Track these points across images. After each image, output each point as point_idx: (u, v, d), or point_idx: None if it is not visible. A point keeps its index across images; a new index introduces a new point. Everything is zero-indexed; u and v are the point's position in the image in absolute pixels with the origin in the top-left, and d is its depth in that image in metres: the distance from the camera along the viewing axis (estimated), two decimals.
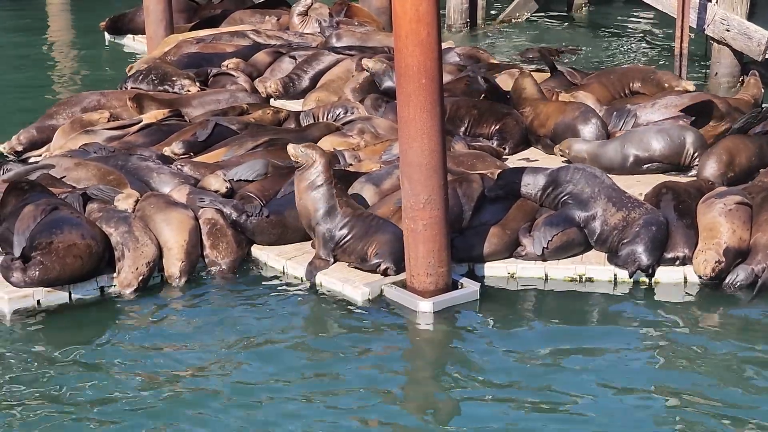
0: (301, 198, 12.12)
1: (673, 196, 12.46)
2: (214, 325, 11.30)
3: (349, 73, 17.10)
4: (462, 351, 10.90)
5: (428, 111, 11.12)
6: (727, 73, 18.71)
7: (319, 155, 12.06)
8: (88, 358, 10.74)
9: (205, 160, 13.98)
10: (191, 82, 16.85)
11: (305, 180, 12.06)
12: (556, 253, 12.15)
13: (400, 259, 11.75)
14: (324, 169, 12.04)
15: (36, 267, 11.50)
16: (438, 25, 11.07)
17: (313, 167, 12.03)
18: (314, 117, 15.61)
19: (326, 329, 11.32)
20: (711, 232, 11.89)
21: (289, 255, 12.44)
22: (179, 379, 10.33)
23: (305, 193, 12.07)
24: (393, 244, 11.86)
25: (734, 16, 18.33)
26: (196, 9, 21.85)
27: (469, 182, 12.61)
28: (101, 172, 13.27)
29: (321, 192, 12.05)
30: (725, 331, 11.11)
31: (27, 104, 18.20)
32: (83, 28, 23.53)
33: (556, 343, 10.88)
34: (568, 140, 14.26)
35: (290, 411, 9.83)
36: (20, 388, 10.23)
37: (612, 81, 16.07)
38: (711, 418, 9.59)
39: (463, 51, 18.16)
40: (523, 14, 23.40)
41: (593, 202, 12.27)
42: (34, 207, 11.95)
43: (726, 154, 13.48)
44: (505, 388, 10.13)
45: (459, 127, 15.07)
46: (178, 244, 12.15)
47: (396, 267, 11.84)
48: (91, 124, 15.25)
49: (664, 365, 10.46)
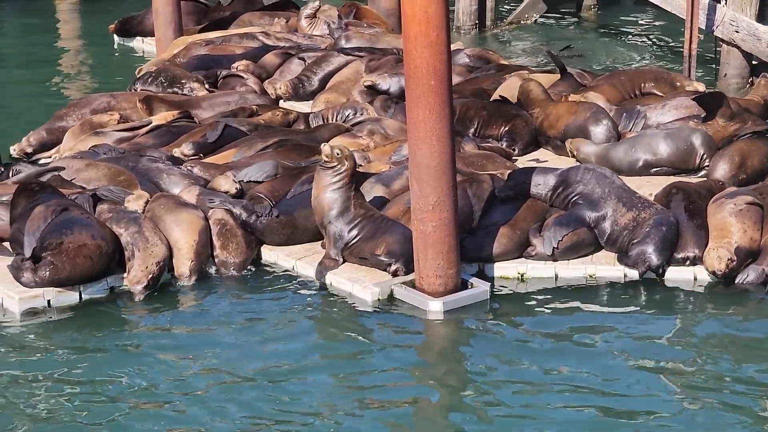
0: (318, 195, 12.12)
1: (684, 197, 12.44)
2: (224, 325, 11.31)
3: (359, 75, 17.09)
4: (472, 350, 10.90)
5: (437, 113, 11.12)
6: (737, 75, 18.66)
7: (350, 162, 12.08)
8: (98, 357, 10.76)
9: (214, 161, 13.99)
10: (200, 85, 16.87)
11: (328, 179, 12.06)
12: (567, 253, 12.15)
13: (410, 260, 11.76)
14: (349, 174, 12.06)
15: (46, 267, 11.52)
16: (447, 27, 11.08)
17: (340, 170, 12.05)
18: (323, 118, 15.61)
19: (336, 329, 11.33)
20: (721, 232, 11.88)
21: (298, 255, 12.45)
22: (188, 378, 10.35)
23: (324, 191, 12.08)
24: (403, 244, 11.87)
25: (743, 18, 18.30)
26: (205, 11, 21.85)
27: (479, 183, 12.61)
28: (112, 172, 13.29)
29: (339, 193, 12.05)
30: (736, 330, 11.10)
31: (36, 106, 18.22)
32: (92, 31, 23.55)
33: (566, 343, 10.87)
34: (578, 141, 14.24)
35: (300, 410, 9.84)
36: (30, 388, 10.25)
37: (623, 82, 16.03)
38: (723, 417, 9.58)
39: (472, 52, 18.13)
40: (533, 15, 23.38)
41: (603, 203, 12.26)
42: (45, 208, 11.97)
43: (738, 156, 13.46)
44: (516, 387, 10.13)
45: (468, 129, 15.05)
46: (188, 244, 12.17)
47: (406, 267, 11.84)
48: (100, 126, 15.27)
49: (674, 364, 10.45)
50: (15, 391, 10.20)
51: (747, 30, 18.23)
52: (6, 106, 18.54)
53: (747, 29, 18.24)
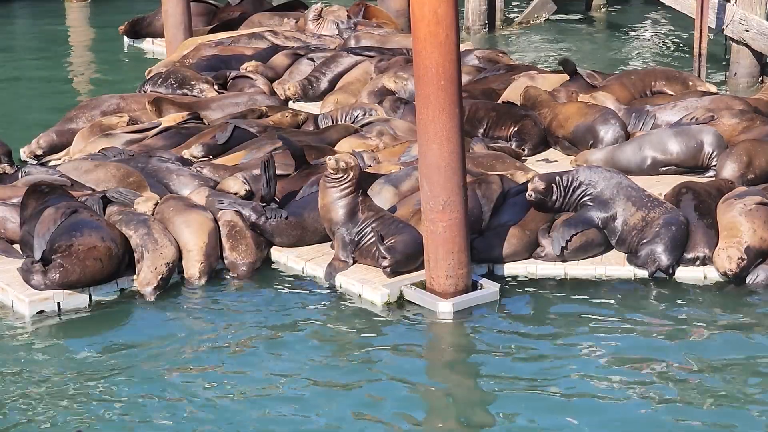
0: (325, 205, 12.10)
1: (693, 196, 12.42)
2: (234, 326, 11.32)
3: (368, 75, 17.10)
4: (482, 351, 10.90)
5: (447, 113, 11.12)
6: (746, 74, 18.64)
7: (355, 171, 12.08)
8: (109, 359, 10.78)
9: (224, 162, 14.01)
10: (210, 86, 16.89)
11: (334, 193, 12.05)
12: (576, 253, 12.14)
13: (408, 261, 11.76)
14: (354, 183, 12.06)
15: (56, 270, 11.54)
16: (457, 27, 11.08)
17: (345, 181, 12.05)
18: (333, 119, 15.61)
19: (346, 331, 11.33)
20: (731, 232, 11.86)
21: (308, 256, 12.46)
22: (198, 380, 10.36)
23: (331, 203, 12.06)
24: (406, 245, 11.83)
25: (753, 16, 18.27)
26: (215, 12, 21.88)
27: (488, 183, 12.61)
28: (121, 174, 13.32)
29: (345, 202, 12.05)
30: (746, 330, 11.09)
31: (46, 108, 18.25)
32: (102, 32, 23.60)
33: (576, 343, 10.87)
34: (583, 155, 14.10)
35: (311, 410, 9.85)
36: (41, 390, 10.27)
37: (633, 81, 16.01)
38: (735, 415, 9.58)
39: (481, 53, 18.11)
40: (542, 15, 23.37)
41: (613, 203, 12.23)
42: (54, 210, 11.99)
43: (745, 155, 13.43)
44: (527, 387, 10.13)
45: (477, 129, 15.04)
46: (197, 246, 12.18)
47: (399, 267, 11.80)
48: (110, 128, 15.29)
49: (685, 364, 10.44)
50: (26, 394, 10.22)
51: (757, 29, 18.20)
52: (16, 108, 18.57)
53: (757, 28, 18.20)
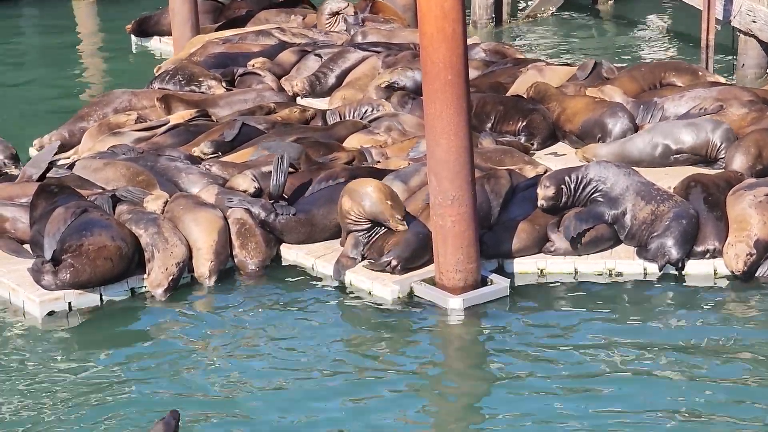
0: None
1: (702, 189, 12.39)
2: (244, 324, 11.34)
3: (375, 71, 17.08)
4: (493, 346, 10.90)
5: (455, 107, 11.11)
6: (754, 65, 18.59)
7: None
8: (120, 358, 10.80)
9: (232, 159, 14.01)
10: (218, 83, 16.88)
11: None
12: (586, 247, 12.12)
13: (412, 258, 11.77)
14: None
15: (67, 270, 11.55)
16: (463, 22, 11.06)
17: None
18: (341, 115, 15.60)
19: (356, 327, 11.35)
20: (741, 224, 11.84)
21: (318, 253, 12.46)
22: (210, 378, 10.38)
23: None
24: (411, 241, 11.81)
25: (761, 7, 18.22)
26: (222, 9, 21.87)
27: (497, 178, 12.59)
28: (130, 173, 13.32)
29: None
30: (758, 322, 11.07)
31: (54, 108, 18.25)
32: (110, 31, 23.57)
33: (586, 337, 10.88)
34: (589, 149, 14.10)
35: (324, 407, 9.86)
36: (52, 390, 10.29)
37: (643, 74, 15.93)
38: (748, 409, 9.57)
39: (488, 47, 18.08)
40: (549, 9, 23.32)
41: (622, 198, 12.20)
42: (64, 210, 12.01)
43: (754, 147, 13.39)
44: (538, 382, 10.14)
45: (485, 123, 15.02)
46: (207, 244, 12.18)
47: (404, 263, 11.80)
48: (118, 126, 15.30)
49: (697, 356, 10.44)
50: (37, 394, 10.24)
51: (764, 20, 18.15)
52: (23, 107, 18.57)
53: (764, 19, 18.15)
